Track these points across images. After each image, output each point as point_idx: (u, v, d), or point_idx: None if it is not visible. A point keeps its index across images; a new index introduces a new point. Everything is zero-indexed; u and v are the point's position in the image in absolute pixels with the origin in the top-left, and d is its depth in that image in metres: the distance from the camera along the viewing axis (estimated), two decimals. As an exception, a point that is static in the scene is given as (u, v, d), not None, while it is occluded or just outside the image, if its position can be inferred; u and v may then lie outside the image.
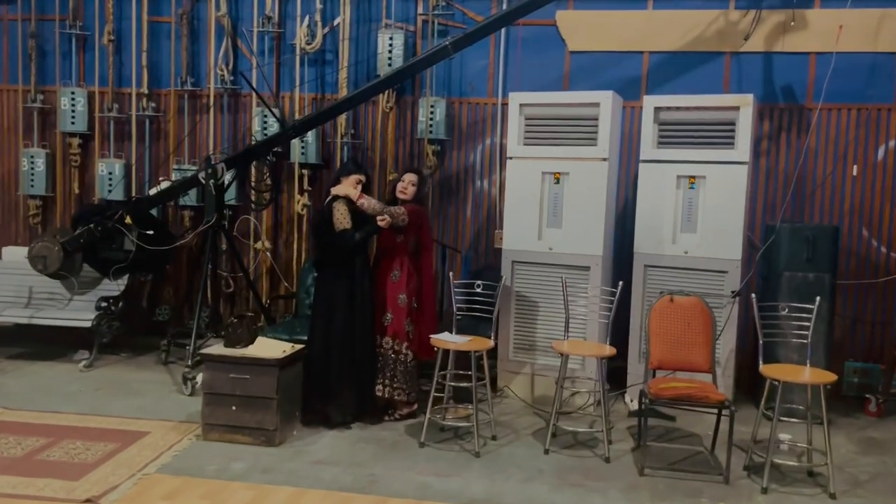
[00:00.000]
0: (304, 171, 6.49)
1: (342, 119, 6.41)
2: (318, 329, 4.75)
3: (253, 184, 5.88)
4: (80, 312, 6.08)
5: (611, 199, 5.46)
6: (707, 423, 4.79)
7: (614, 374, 5.60)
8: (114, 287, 6.26)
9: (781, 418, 4.24)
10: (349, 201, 4.69)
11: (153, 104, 6.72)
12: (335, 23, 6.42)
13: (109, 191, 6.65)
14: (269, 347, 4.50)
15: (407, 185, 4.92)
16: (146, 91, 6.70)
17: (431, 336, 4.64)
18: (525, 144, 5.49)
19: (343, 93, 6.35)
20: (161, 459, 4.12)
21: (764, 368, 4.28)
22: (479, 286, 4.87)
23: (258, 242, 6.57)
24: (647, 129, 5.37)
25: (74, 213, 6.12)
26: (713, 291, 5.24)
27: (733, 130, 5.22)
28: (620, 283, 4.81)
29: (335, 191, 4.73)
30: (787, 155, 6.00)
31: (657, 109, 5.37)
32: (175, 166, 6.64)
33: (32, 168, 6.81)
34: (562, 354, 4.55)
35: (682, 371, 4.60)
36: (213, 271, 6.02)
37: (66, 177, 6.90)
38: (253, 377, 4.36)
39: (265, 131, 6.39)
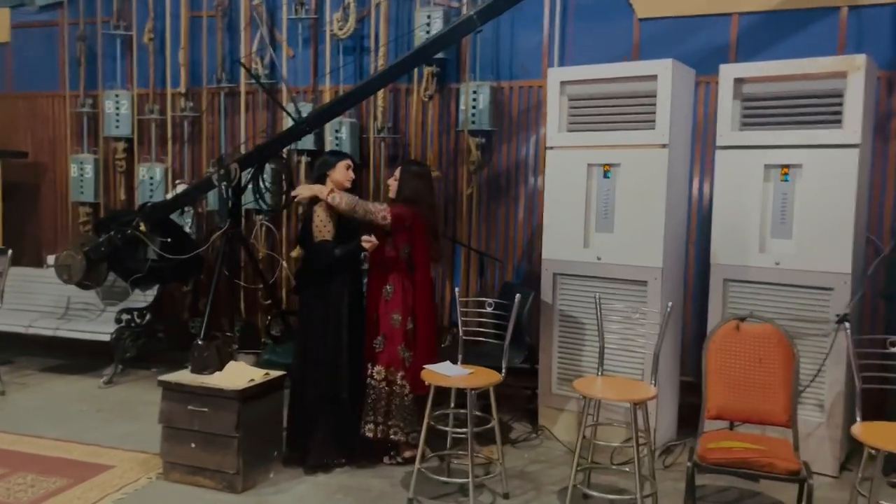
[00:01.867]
0: (340, 172, 5.82)
1: (379, 112, 5.70)
2: (296, 356, 4.06)
3: (264, 185, 5.28)
4: (105, 325, 5.75)
5: (676, 195, 4.35)
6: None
7: (690, 414, 4.48)
8: (145, 298, 5.92)
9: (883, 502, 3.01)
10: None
11: (191, 104, 6.34)
12: (375, 3, 5.71)
13: (150, 196, 6.33)
14: (238, 375, 3.84)
15: (391, 180, 4.13)
16: (183, 90, 6.33)
17: (424, 367, 3.79)
18: (568, 131, 4.51)
19: (379, 82, 5.64)
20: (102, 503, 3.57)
21: (858, 429, 3.07)
22: (490, 305, 3.95)
23: (294, 251, 5.99)
24: (724, 107, 4.22)
25: (96, 221, 5.82)
26: (816, 315, 4.02)
27: (840, 104, 3.98)
28: (669, 303, 3.71)
29: (299, 192, 4.04)
30: (926, 135, 4.59)
31: (738, 82, 4.21)
32: (211, 169, 6.20)
33: (82, 174, 6.63)
34: (584, 397, 3.53)
35: (751, 423, 3.47)
36: (231, 281, 5.49)
37: (113, 182, 6.68)
38: (212, 411, 3.72)
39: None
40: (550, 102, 4.51)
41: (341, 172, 4.12)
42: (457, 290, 3.98)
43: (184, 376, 3.85)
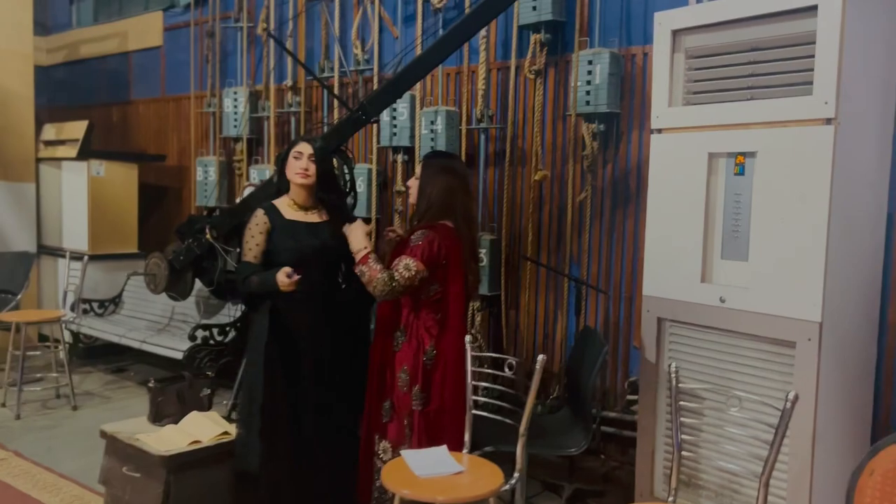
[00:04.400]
0: (436, 172, 4.74)
1: (479, 96, 4.53)
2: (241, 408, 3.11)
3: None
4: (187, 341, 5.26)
5: (854, 201, 2.65)
6: None
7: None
8: (231, 313, 5.36)
9: None
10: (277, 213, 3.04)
11: (298, 99, 5.67)
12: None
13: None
14: (187, 432, 2.95)
15: (411, 181, 2.97)
16: (291, 84, 5.69)
17: (402, 452, 2.57)
18: (685, 104, 2.99)
19: (481, 57, 4.49)
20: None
21: None
22: (511, 366, 2.61)
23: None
24: (952, 53, 2.46)
25: (178, 226, 5.33)
26: None
27: None
28: (790, 394, 2.10)
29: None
30: None
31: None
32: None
33: (206, 177, 6.30)
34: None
35: None
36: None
37: (234, 186, 6.26)
38: (143, 478, 2.87)
39: (393, 124, 4.85)
40: (658, 62, 3.03)
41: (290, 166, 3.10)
42: (467, 338, 2.70)
43: (126, 427, 3.05)
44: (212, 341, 5.15)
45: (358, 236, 2.87)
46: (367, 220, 5.07)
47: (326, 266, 3.02)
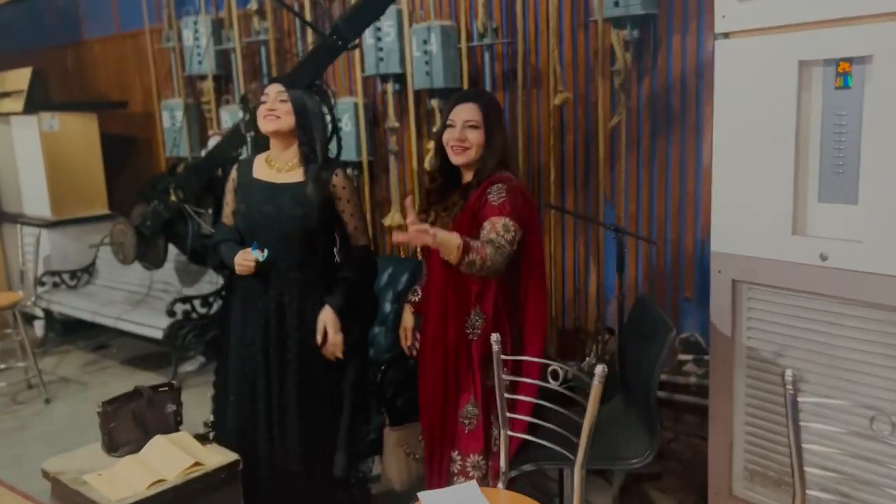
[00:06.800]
0: (434, 103, 4.00)
1: (479, 6, 3.74)
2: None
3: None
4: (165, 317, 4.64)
5: None
6: None
7: None
8: (215, 281, 4.72)
9: None
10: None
11: (265, 24, 4.85)
12: None
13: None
14: (154, 462, 2.34)
15: (462, 133, 2.24)
16: (256, 7, 4.86)
17: (419, 494, 1.95)
18: (761, -2, 2.24)
19: (479, -41, 3.67)
20: None
21: None
22: (558, 373, 1.95)
23: (386, 218, 4.34)
24: None
25: (140, 186, 4.63)
26: None
27: None
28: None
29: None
30: None
31: None
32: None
33: (173, 124, 5.55)
34: None
35: None
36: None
37: (206, 131, 5.51)
38: (94, 528, 2.28)
39: (378, 47, 4.07)
40: (722, -57, 2.26)
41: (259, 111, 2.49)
42: (495, 338, 2.04)
43: (73, 463, 2.44)
44: (194, 315, 4.52)
45: (445, 240, 2.03)
46: (355, 164, 4.38)
47: (285, 238, 2.41)
